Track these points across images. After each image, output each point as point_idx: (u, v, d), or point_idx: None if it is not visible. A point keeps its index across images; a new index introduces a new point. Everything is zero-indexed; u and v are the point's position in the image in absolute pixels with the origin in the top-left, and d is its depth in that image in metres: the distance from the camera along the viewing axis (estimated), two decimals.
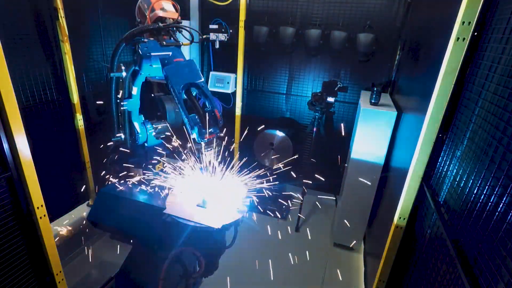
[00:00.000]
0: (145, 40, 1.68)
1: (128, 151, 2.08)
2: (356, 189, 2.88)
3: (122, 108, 1.90)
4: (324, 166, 3.87)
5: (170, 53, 1.67)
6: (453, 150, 1.35)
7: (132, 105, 1.92)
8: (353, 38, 3.14)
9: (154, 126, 2.07)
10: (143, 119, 2.06)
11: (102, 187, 2.00)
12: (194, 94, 1.74)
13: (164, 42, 1.70)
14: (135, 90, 1.89)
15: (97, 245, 3.04)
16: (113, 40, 3.16)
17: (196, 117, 1.57)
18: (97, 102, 3.07)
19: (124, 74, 1.84)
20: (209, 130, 1.54)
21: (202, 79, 1.63)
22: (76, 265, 2.78)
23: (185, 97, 1.62)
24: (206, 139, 1.55)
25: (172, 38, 1.78)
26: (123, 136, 2.02)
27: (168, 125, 2.13)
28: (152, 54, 1.63)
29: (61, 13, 2.54)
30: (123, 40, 1.71)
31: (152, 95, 1.97)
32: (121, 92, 1.90)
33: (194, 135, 1.56)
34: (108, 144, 2.01)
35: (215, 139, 1.60)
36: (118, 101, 1.91)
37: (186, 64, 1.67)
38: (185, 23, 3.42)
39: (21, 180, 1.46)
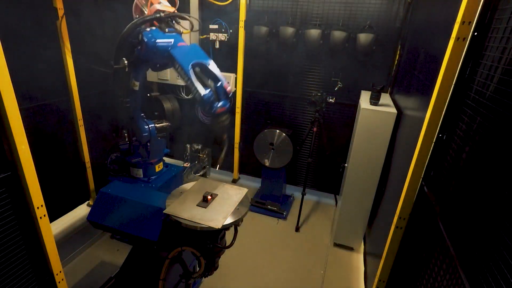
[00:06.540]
0: (147, 29, 1.71)
1: (128, 150, 2.08)
2: (356, 189, 2.88)
3: (125, 105, 1.91)
4: (324, 166, 3.88)
5: (173, 40, 1.71)
6: (453, 150, 1.35)
7: (134, 101, 1.93)
8: (353, 38, 3.14)
9: (155, 125, 2.07)
10: (144, 117, 2.05)
11: (102, 187, 2.00)
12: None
13: (167, 30, 1.74)
14: (137, 86, 1.90)
15: (97, 245, 3.04)
16: (113, 39, 3.15)
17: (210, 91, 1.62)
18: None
19: (126, 69, 1.84)
20: (220, 104, 1.61)
21: (210, 59, 1.70)
22: (76, 265, 2.79)
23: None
24: (218, 113, 1.61)
25: (172, 28, 1.81)
26: (126, 135, 2.02)
27: (169, 123, 2.13)
28: (157, 40, 1.65)
29: (61, 13, 2.54)
30: (125, 33, 1.73)
31: (148, 95, 1.97)
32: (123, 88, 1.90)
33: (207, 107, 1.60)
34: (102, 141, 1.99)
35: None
36: (121, 98, 1.91)
37: (190, 47, 1.75)
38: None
39: (21, 180, 1.46)
